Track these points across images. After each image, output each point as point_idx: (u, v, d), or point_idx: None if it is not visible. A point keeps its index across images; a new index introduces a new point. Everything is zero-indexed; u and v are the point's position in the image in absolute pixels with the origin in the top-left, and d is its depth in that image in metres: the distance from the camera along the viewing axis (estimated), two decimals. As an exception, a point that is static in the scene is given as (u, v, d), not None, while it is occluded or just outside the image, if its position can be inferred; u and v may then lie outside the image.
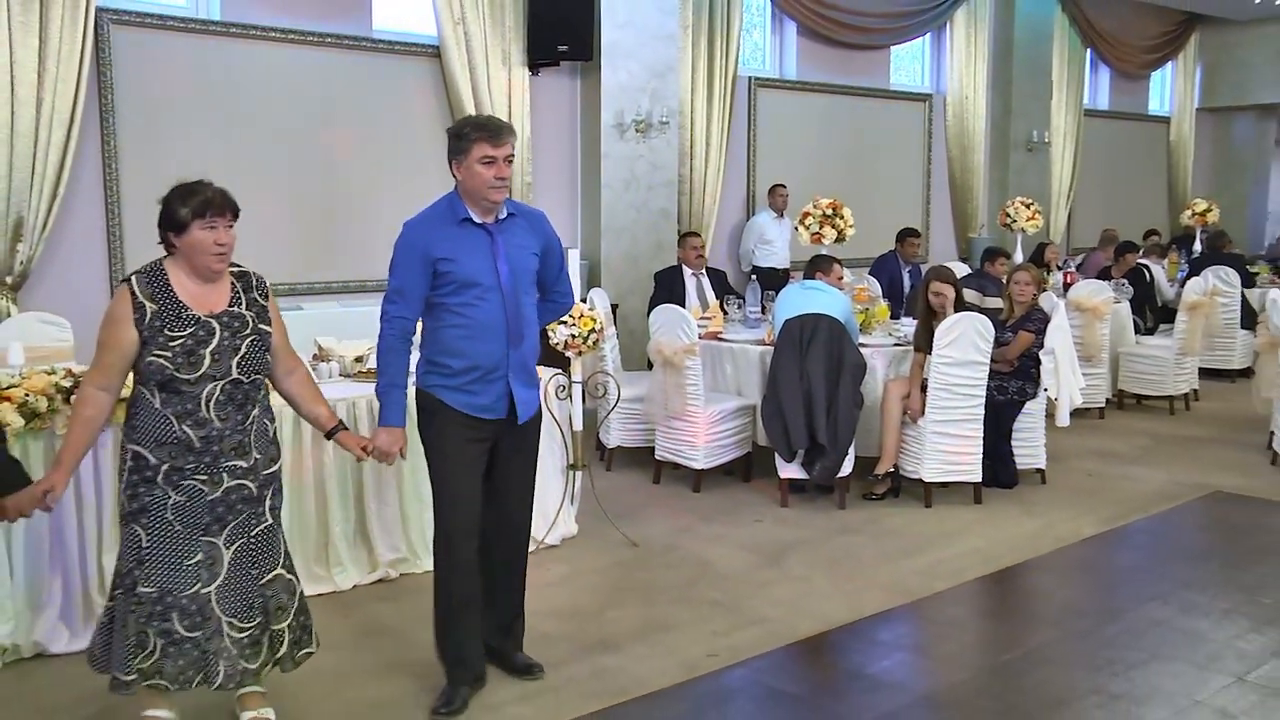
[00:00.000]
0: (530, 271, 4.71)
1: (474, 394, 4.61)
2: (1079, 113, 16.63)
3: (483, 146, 4.52)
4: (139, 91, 8.40)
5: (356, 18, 9.54)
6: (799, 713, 4.86)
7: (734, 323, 9.08)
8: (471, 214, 4.60)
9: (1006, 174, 15.44)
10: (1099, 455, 9.32)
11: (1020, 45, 15.38)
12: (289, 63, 9.13)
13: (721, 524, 7.36)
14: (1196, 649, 5.52)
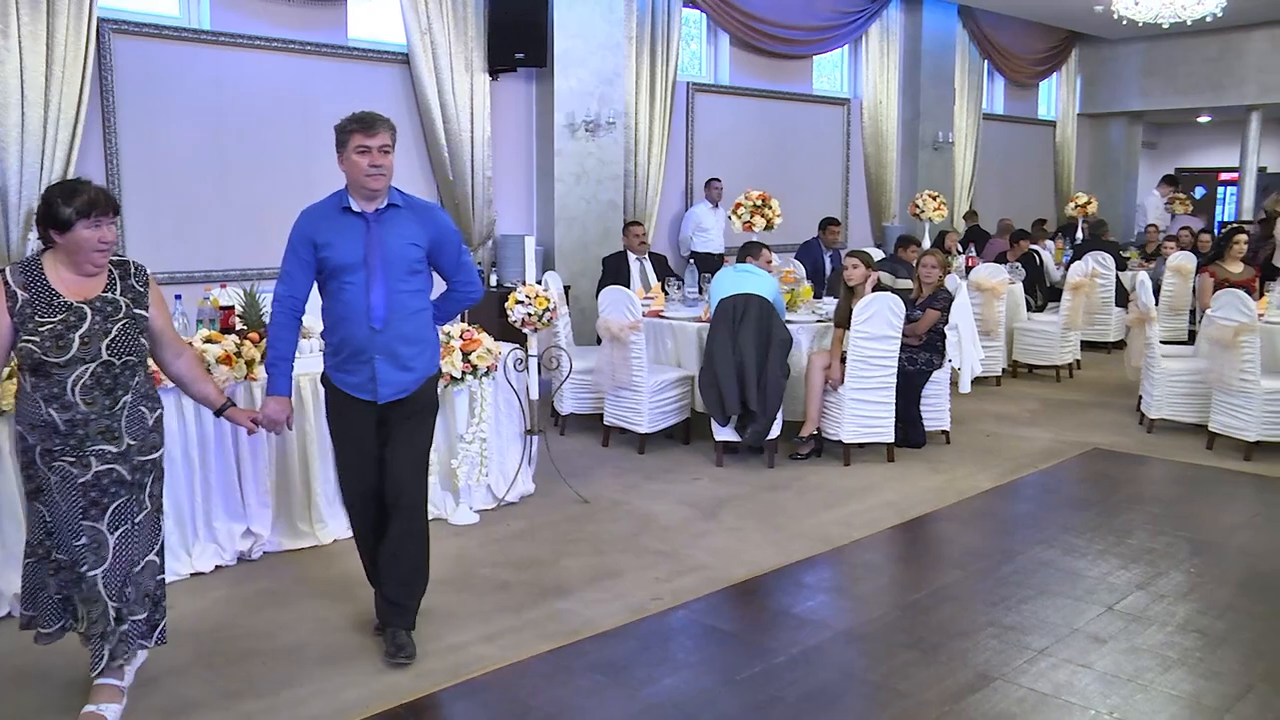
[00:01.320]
0: (407, 260, 4.50)
1: (348, 373, 4.50)
2: (978, 116, 16.68)
3: (357, 137, 4.35)
4: (137, 94, 8.26)
5: (333, 27, 9.40)
6: (733, 648, 4.84)
7: (674, 302, 9.07)
8: (353, 203, 4.45)
9: (915, 170, 15.47)
10: (996, 418, 9.37)
11: (927, 57, 15.40)
12: (272, 68, 9.01)
13: (663, 482, 7.33)
14: (1075, 585, 5.60)
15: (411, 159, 9.90)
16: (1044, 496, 7.27)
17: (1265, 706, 4.30)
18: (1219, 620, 5.17)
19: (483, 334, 6.33)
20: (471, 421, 6.35)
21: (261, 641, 4.74)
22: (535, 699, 4.25)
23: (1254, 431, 7.92)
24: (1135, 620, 5.14)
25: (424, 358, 4.62)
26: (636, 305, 7.92)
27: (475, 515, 6.44)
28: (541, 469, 7.09)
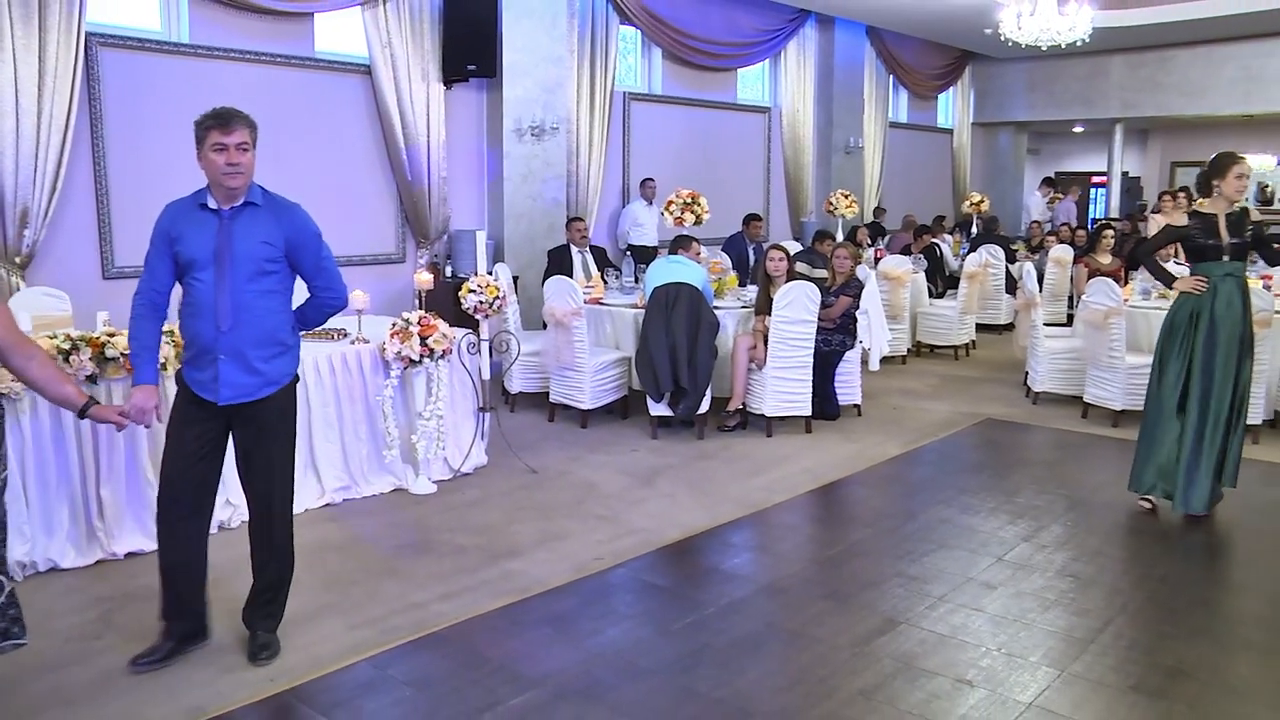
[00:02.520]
0: (256, 259, 4.01)
1: (197, 369, 4.03)
2: (884, 124, 16.76)
3: (214, 134, 4.01)
4: (123, 103, 8.11)
5: (301, 40, 9.27)
6: (668, 601, 4.86)
7: (613, 290, 9.06)
8: (210, 200, 4.05)
9: (829, 171, 15.53)
10: (902, 393, 9.45)
11: (838, 71, 15.45)
12: (246, 78, 8.86)
13: (604, 453, 7.33)
14: (970, 539, 5.68)
15: (373, 161, 9.81)
16: (943, 461, 7.35)
17: (1119, 636, 4.46)
18: (1089, 565, 5.31)
19: (439, 320, 6.29)
20: (429, 400, 6.31)
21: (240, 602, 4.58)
22: (490, 650, 4.25)
23: (1120, 401, 8.09)
24: (1020, 568, 5.25)
25: (276, 362, 4.12)
26: (578, 294, 7.90)
27: (433, 486, 6.40)
28: (493, 443, 7.06)
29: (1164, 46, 17.18)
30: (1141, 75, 17.78)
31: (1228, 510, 6.19)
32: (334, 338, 6.38)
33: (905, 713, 3.77)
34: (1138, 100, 17.96)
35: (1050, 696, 3.92)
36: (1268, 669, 4.22)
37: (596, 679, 4.00)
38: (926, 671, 4.10)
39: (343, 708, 3.78)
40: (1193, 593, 5.04)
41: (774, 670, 4.11)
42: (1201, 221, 5.80)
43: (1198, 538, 5.84)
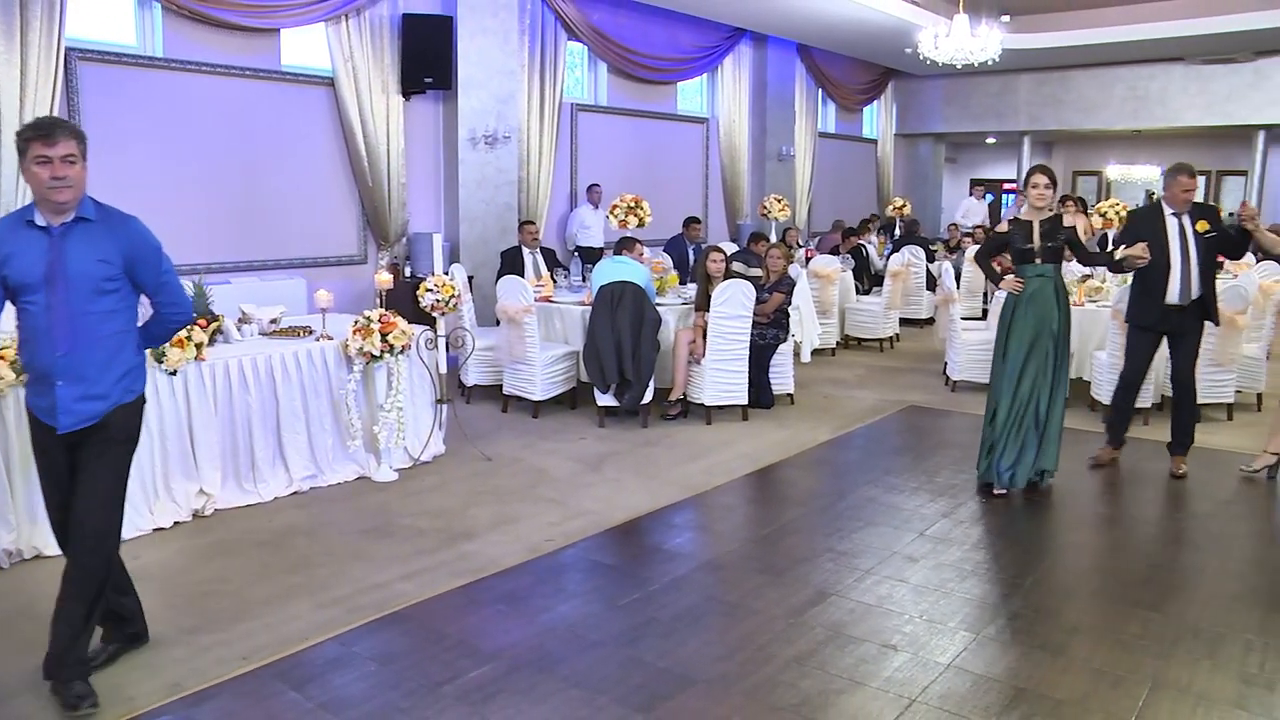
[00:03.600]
0: (93, 278, 3.50)
1: (37, 395, 3.59)
2: (814, 134, 16.88)
3: (36, 146, 3.42)
4: (101, 114, 7.99)
5: (268, 54, 9.16)
6: (615, 579, 4.87)
7: (561, 289, 9.05)
8: (38, 217, 3.51)
9: (763, 177, 15.61)
10: (832, 382, 9.52)
11: (771, 84, 15.53)
12: (217, 90, 8.76)
13: (554, 441, 7.32)
14: (894, 516, 5.75)
15: (336, 168, 9.72)
16: (870, 445, 7.42)
17: (1026, 602, 4.57)
18: (1001, 539, 5.42)
19: (398, 318, 6.25)
20: (389, 393, 6.27)
21: (216, 585, 4.64)
22: (449, 627, 4.24)
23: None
24: (940, 542, 5.32)
25: (120, 384, 3.64)
26: (529, 292, 7.88)
27: (394, 473, 6.36)
28: (451, 432, 7.02)
29: (1064, 67, 17.60)
30: (1045, 93, 18.15)
31: (1121, 485, 6.35)
32: (300, 335, 6.32)
33: (835, 676, 3.82)
34: (1042, 115, 18.33)
35: (967, 657, 3.99)
36: (1153, 624, 4.34)
37: (548, 652, 4.01)
38: (855, 638, 4.15)
39: (313, 683, 3.75)
40: (1091, 560, 5.18)
41: (714, 640, 4.13)
42: (1020, 228, 6.03)
43: (1096, 511, 5.97)
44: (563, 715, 3.52)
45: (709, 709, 3.58)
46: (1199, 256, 6.29)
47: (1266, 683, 3.84)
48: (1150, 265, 6.27)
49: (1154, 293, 6.34)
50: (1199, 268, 6.30)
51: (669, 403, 7.97)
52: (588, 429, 7.67)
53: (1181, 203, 6.32)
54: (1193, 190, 6.31)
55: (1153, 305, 6.37)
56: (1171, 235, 6.30)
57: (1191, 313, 6.37)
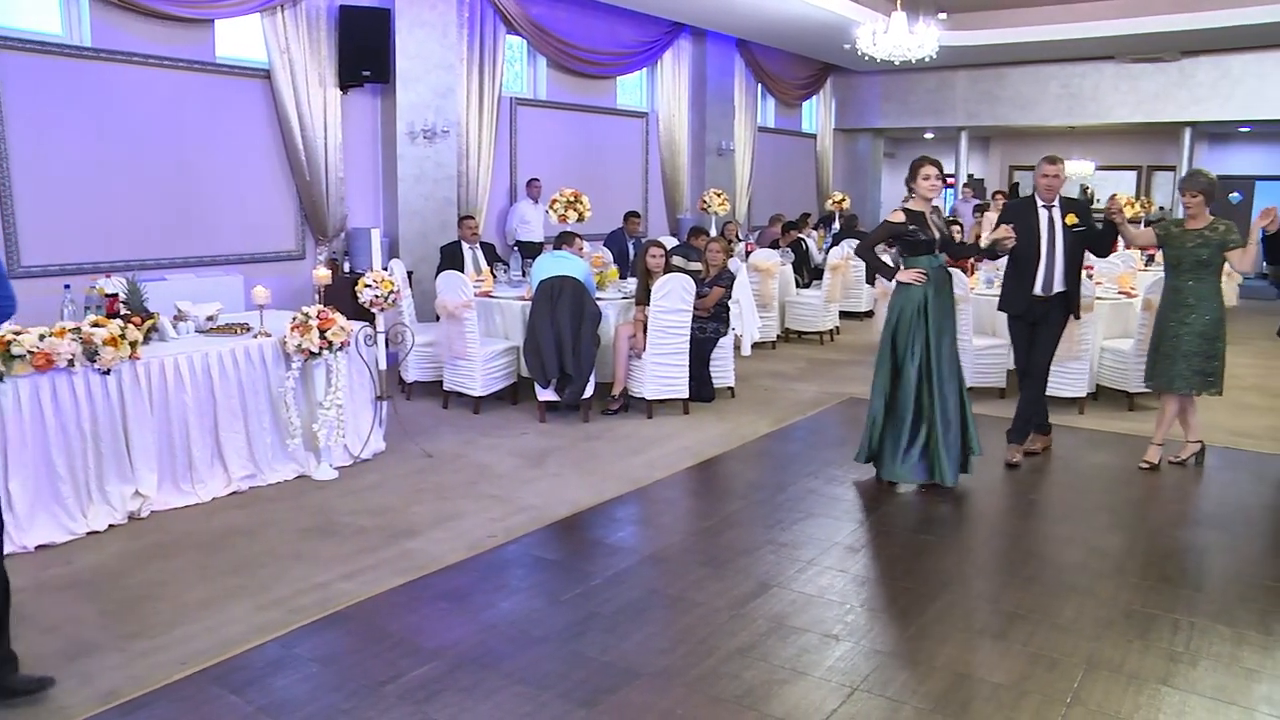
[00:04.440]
0: None
1: None
2: (754, 129, 16.96)
3: None
4: (26, 104, 7.77)
5: (202, 45, 8.99)
6: (558, 574, 4.87)
7: (501, 284, 9.01)
8: None
9: (703, 171, 15.64)
10: (772, 375, 9.58)
11: (711, 79, 15.57)
12: (148, 82, 8.57)
13: (495, 437, 7.29)
14: (835, 507, 5.82)
15: (274, 163, 9.58)
16: (810, 437, 7.47)
17: (966, 587, 4.66)
18: (940, 527, 5.51)
19: (337, 314, 6.18)
20: (329, 390, 6.20)
21: (153, 589, 4.56)
22: (391, 625, 4.21)
23: (969, 380, 8.25)
24: (881, 533, 5.40)
25: None
26: (469, 287, 7.82)
27: (335, 472, 6.29)
28: (391, 429, 6.96)
29: (1000, 65, 17.88)
30: (981, 89, 18.41)
31: (1055, 472, 6.49)
32: (237, 332, 6.23)
33: (778, 667, 3.85)
34: (979, 111, 18.60)
35: (907, 645, 4.05)
36: (1087, 608, 4.46)
37: (491, 648, 3.99)
38: (797, 629, 4.19)
39: (253, 686, 3.70)
40: (1026, 546, 5.28)
41: (657, 633, 4.15)
42: (915, 219, 6.07)
43: (1032, 499, 6.08)
44: (506, 712, 3.52)
45: (653, 702, 3.59)
46: (1065, 249, 6.47)
47: (1191, 659, 3.99)
48: (1022, 256, 6.48)
49: (1024, 283, 6.53)
50: (1064, 260, 6.48)
51: (610, 397, 7.97)
52: (529, 424, 7.64)
53: (1046, 191, 6.48)
54: (1051, 177, 6.44)
55: (1022, 295, 6.56)
56: (1042, 227, 6.49)
57: (1055, 304, 6.55)
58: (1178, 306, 6.47)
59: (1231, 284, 12.50)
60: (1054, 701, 3.64)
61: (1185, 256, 6.42)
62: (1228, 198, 19.74)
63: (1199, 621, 4.34)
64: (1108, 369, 8.36)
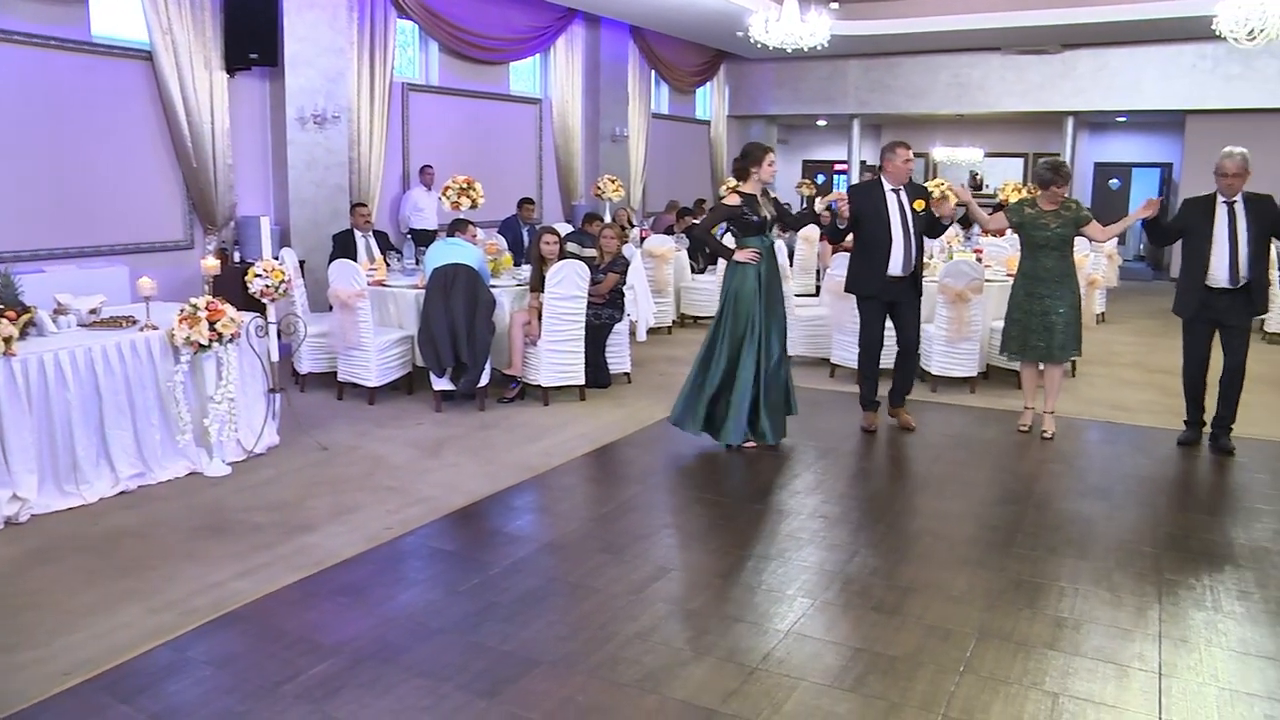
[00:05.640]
0: None
1: None
2: (648, 115, 16.97)
3: None
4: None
5: (76, 23, 8.58)
6: (456, 565, 4.84)
7: (395, 272, 8.87)
8: None
9: (597, 158, 15.62)
10: (668, 360, 9.64)
11: (604, 65, 15.54)
12: (17, 61, 8.14)
13: (391, 428, 7.19)
14: (732, 488, 5.88)
15: (158, 149, 9.24)
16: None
17: (863, 565, 4.77)
18: (837, 506, 5.62)
19: (226, 305, 6.02)
20: (219, 383, 6.03)
21: (34, 597, 4.37)
22: (288, 623, 4.12)
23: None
24: (777, 513, 5.49)
25: None
26: (362, 276, 7.72)
27: (227, 467, 6.13)
28: (285, 422, 6.81)
29: (891, 54, 18.20)
30: (873, 78, 18.72)
31: (949, 450, 6.67)
32: (122, 325, 6.03)
33: (678, 650, 3.89)
34: (870, 99, 18.90)
35: (805, 623, 4.13)
36: (979, 579, 4.62)
37: (390, 642, 3.95)
38: (695, 611, 4.23)
39: (145, 693, 3.58)
40: (920, 523, 5.41)
41: (556, 621, 4.15)
42: (748, 202, 6.47)
43: (925, 476, 6.23)
44: (407, 706, 3.48)
45: (554, 690, 3.60)
46: (915, 231, 6.88)
47: (1075, 624, 4.18)
48: (871, 239, 6.87)
49: (875, 265, 6.89)
50: (915, 241, 6.89)
51: (508, 385, 7.93)
52: (425, 414, 7.57)
53: (902, 177, 6.89)
54: (905, 163, 6.89)
55: (874, 276, 6.91)
56: (892, 210, 6.86)
57: (910, 284, 6.96)
58: (1045, 282, 6.90)
59: (1113, 265, 13.02)
60: (947, 671, 3.76)
61: (1051, 237, 6.86)
62: (1108, 184, 20.54)
63: (1082, 588, 4.54)
64: (997, 349, 8.60)
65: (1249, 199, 6.57)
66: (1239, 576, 4.73)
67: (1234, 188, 6.53)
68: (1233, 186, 6.53)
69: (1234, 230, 6.53)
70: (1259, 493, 6.02)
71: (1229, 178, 6.52)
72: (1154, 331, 11.67)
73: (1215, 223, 6.57)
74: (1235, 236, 6.52)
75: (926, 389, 8.34)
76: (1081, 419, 7.60)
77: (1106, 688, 3.68)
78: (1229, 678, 3.77)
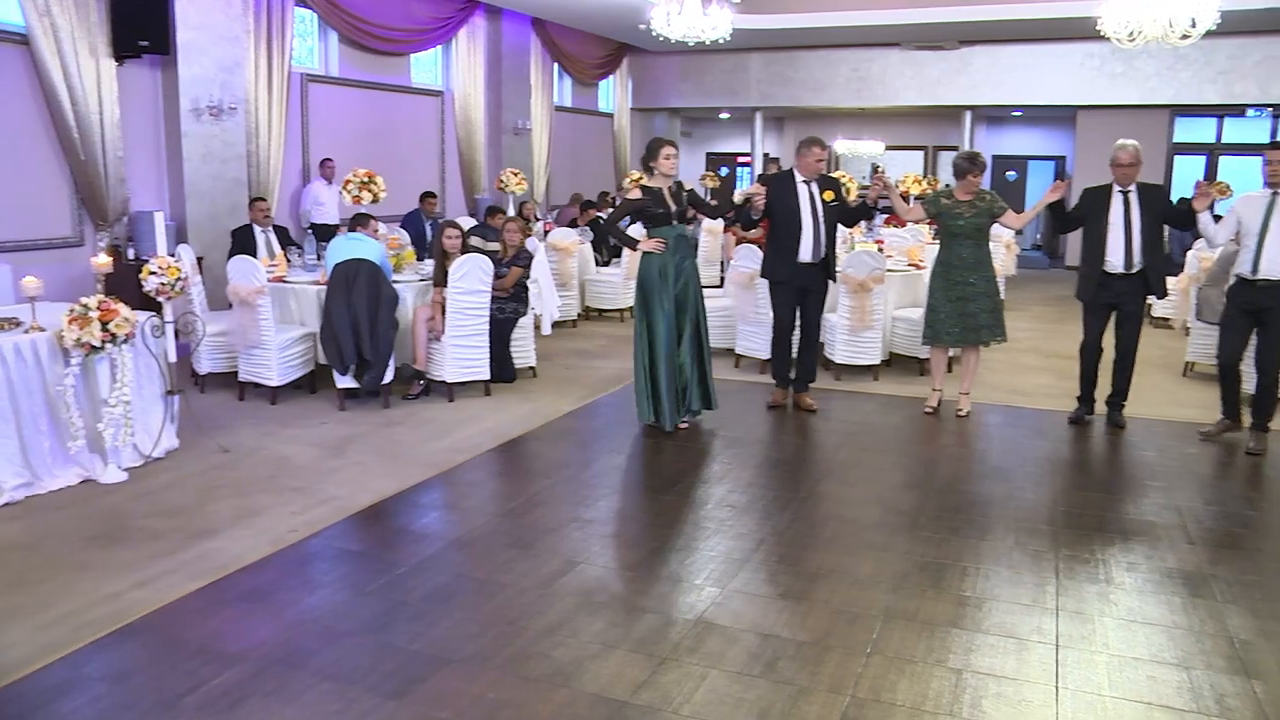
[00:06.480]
0: None
1: None
2: (551, 108, 16.89)
3: None
4: None
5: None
6: (363, 565, 4.76)
7: (296, 268, 8.71)
8: None
9: (500, 151, 15.52)
10: (574, 353, 9.64)
11: (507, 57, 15.44)
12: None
13: (295, 427, 7.05)
14: (640, 480, 5.93)
15: (40, 141, 8.88)
16: (613, 414, 7.54)
17: (770, 553, 4.83)
18: (744, 495, 5.67)
19: (119, 304, 5.82)
20: (114, 386, 5.83)
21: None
22: (189, 633, 4.00)
23: (767, 352, 8.47)
24: (685, 503, 5.53)
25: None
26: (262, 272, 7.54)
27: (124, 473, 5.91)
28: (184, 425, 6.61)
29: (793, 48, 18.42)
30: (775, 71, 18.90)
31: (854, 436, 6.80)
32: (5, 328, 5.78)
33: (588, 642, 3.89)
34: (773, 92, 19.09)
35: (714, 612, 4.16)
36: (885, 563, 4.72)
37: (297, 646, 3.87)
38: (604, 604, 4.24)
39: (35, 715, 3.43)
40: (826, 509, 5.50)
41: (466, 618, 4.11)
42: (651, 195, 6.69)
43: (831, 463, 6.33)
44: (315, 712, 3.42)
45: (464, 688, 3.57)
46: (825, 221, 7.19)
47: (977, 602, 4.31)
48: (783, 228, 7.18)
49: (786, 252, 7.21)
50: (825, 231, 7.21)
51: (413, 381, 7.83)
52: (329, 413, 7.43)
53: (813, 171, 7.17)
54: (824, 160, 7.22)
55: (786, 263, 7.24)
56: (802, 200, 7.15)
57: (819, 270, 7.28)
58: (962, 270, 7.19)
59: (1010, 255, 13.38)
60: (855, 653, 3.83)
61: (966, 226, 7.13)
62: (1005, 175, 21.10)
63: (984, 567, 4.69)
64: (900, 337, 8.80)
65: (1142, 188, 6.93)
66: (1128, 549, 4.95)
67: (1128, 177, 6.90)
68: (1127, 176, 6.90)
69: (1128, 218, 6.90)
70: (1148, 469, 6.28)
71: (1123, 167, 6.88)
72: (1051, 318, 12.04)
73: (1111, 211, 6.94)
74: (1130, 224, 6.89)
75: (830, 377, 8.50)
76: (982, 404, 7.80)
77: (1007, 661, 3.80)
78: (1118, 645, 3.96)
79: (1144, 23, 10.20)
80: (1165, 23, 10.14)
